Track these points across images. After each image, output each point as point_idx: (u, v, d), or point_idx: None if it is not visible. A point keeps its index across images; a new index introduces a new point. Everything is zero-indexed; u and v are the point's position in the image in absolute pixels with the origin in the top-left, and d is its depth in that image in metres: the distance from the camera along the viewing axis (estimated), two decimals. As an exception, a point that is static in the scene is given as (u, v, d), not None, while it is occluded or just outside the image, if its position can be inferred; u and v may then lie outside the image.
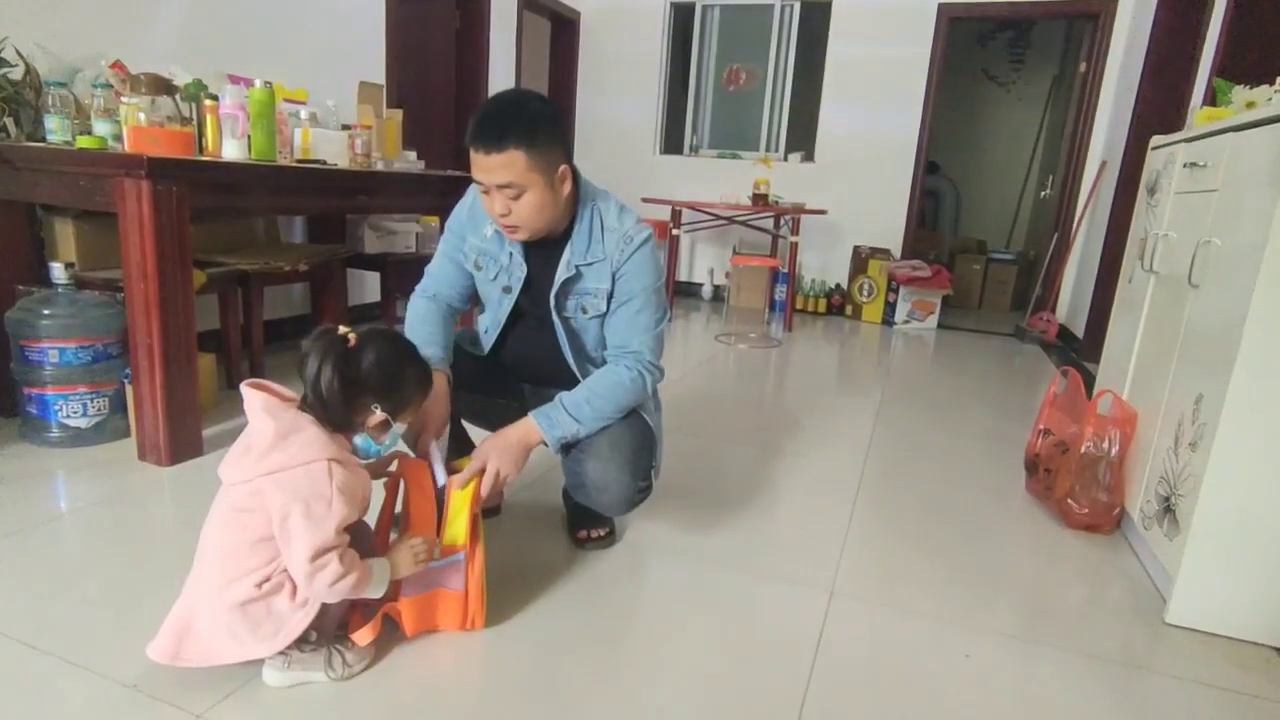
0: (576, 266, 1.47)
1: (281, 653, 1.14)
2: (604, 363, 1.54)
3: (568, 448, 1.49)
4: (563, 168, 1.39)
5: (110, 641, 1.24)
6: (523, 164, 1.32)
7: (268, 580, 1.09)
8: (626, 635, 1.39)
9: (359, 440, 1.18)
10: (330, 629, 1.19)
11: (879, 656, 1.37)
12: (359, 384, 1.13)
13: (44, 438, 2.03)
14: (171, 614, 1.11)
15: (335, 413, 1.12)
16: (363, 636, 1.20)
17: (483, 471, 1.35)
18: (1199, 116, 1.90)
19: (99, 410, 2.06)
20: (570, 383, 1.52)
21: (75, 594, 1.38)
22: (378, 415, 1.16)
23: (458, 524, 1.29)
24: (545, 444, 1.44)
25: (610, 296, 1.49)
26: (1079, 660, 1.39)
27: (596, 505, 1.53)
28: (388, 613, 1.24)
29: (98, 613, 1.33)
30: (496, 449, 1.38)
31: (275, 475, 1.06)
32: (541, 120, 1.34)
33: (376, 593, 1.17)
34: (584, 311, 1.52)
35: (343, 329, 1.13)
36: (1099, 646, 1.44)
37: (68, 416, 2.02)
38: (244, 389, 1.11)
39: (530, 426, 1.43)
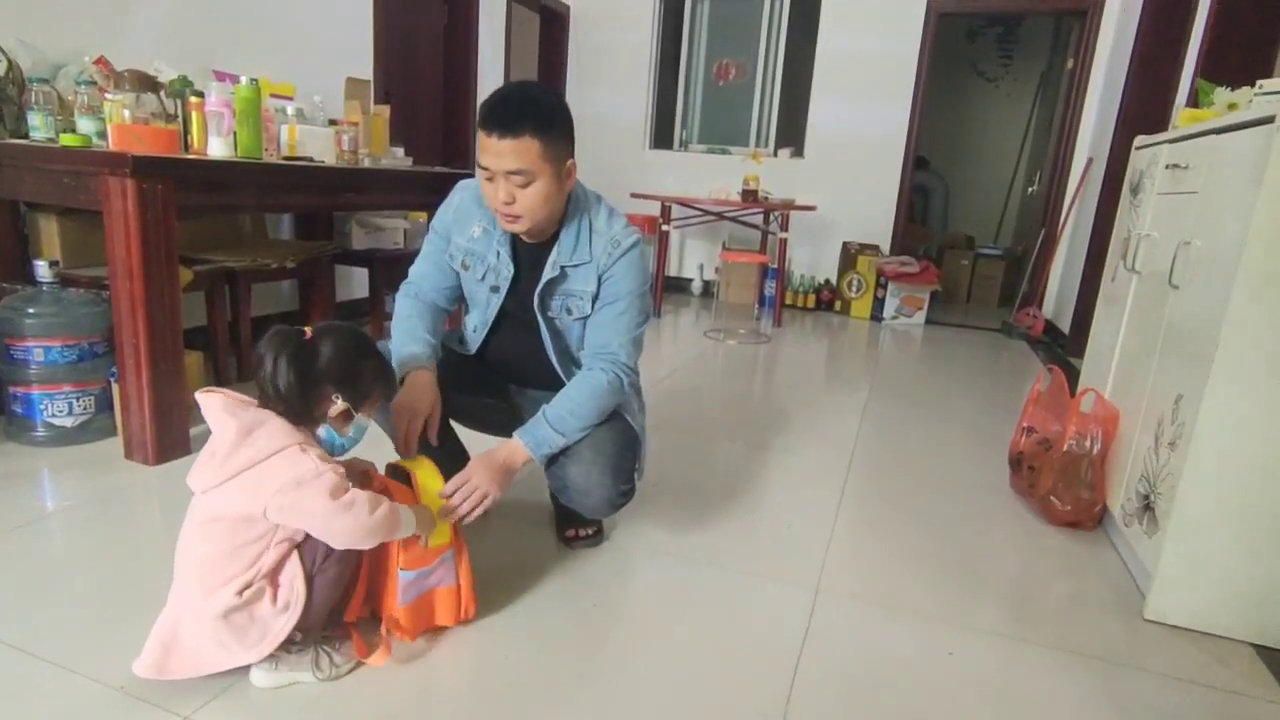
0: (562, 267, 1.48)
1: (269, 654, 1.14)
2: None
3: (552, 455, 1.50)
4: (570, 161, 1.40)
5: (97, 643, 1.24)
6: (536, 151, 1.31)
7: (249, 587, 1.09)
8: (613, 634, 1.40)
9: (322, 432, 1.17)
10: (316, 629, 1.19)
11: (863, 654, 1.39)
12: (316, 374, 1.13)
13: (29, 437, 2.02)
14: (155, 628, 1.10)
15: (294, 405, 1.11)
16: (377, 660, 1.20)
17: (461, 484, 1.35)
18: (1181, 117, 1.92)
19: (85, 409, 2.05)
20: (554, 383, 1.53)
21: (62, 594, 1.38)
22: (339, 405, 1.15)
23: (440, 525, 1.29)
24: (534, 460, 1.45)
25: (595, 299, 1.50)
26: (1060, 656, 1.42)
27: (579, 508, 1.54)
28: (389, 627, 1.24)
29: (84, 613, 1.33)
30: (480, 470, 1.37)
31: (247, 473, 1.06)
32: (556, 111, 1.36)
33: (407, 532, 1.19)
34: (569, 312, 1.52)
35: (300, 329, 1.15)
36: (1080, 642, 1.46)
37: (53, 415, 2.01)
38: (199, 396, 1.10)
39: (515, 448, 1.43)
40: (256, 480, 1.06)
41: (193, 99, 2.10)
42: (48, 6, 2.37)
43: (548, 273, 1.48)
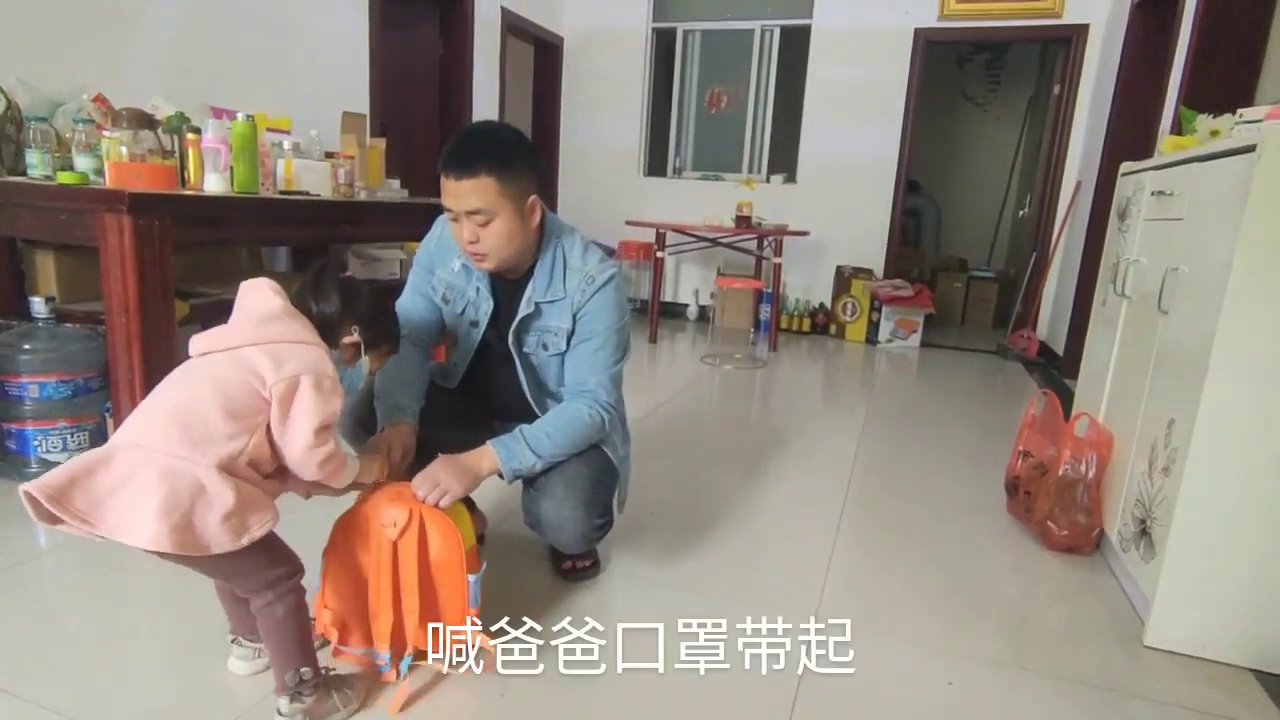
0: (536, 303, 1.49)
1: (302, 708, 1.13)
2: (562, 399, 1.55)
3: (526, 482, 1.49)
4: (532, 198, 1.41)
5: (90, 685, 1.22)
6: (493, 190, 1.33)
7: (225, 468, 1.01)
8: (611, 666, 1.39)
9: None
10: (314, 664, 1.16)
11: (863, 685, 1.37)
12: (347, 303, 1.19)
13: (22, 473, 2.01)
14: (79, 458, 0.97)
15: (322, 322, 1.16)
16: (492, 664, 1.27)
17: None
18: (1165, 145, 1.95)
19: (79, 444, 2.04)
20: (534, 418, 1.53)
21: (53, 635, 1.37)
22: (354, 336, 1.21)
23: (464, 526, 1.31)
24: (500, 475, 1.43)
25: (571, 335, 1.50)
26: (1060, 685, 1.41)
27: (554, 542, 1.54)
28: (482, 632, 1.28)
29: (77, 655, 1.31)
30: (443, 466, 1.35)
31: (274, 345, 1.06)
32: (513, 149, 1.37)
33: (342, 482, 1.19)
34: (545, 348, 1.53)
35: None
36: (1080, 670, 1.46)
37: (47, 451, 2.01)
38: (245, 284, 1.15)
39: (485, 453, 1.41)
40: (281, 354, 1.07)
41: (190, 135, 2.12)
42: (47, 45, 2.41)
43: (523, 309, 1.49)
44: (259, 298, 1.11)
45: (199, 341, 1.09)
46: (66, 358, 2.00)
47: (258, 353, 1.06)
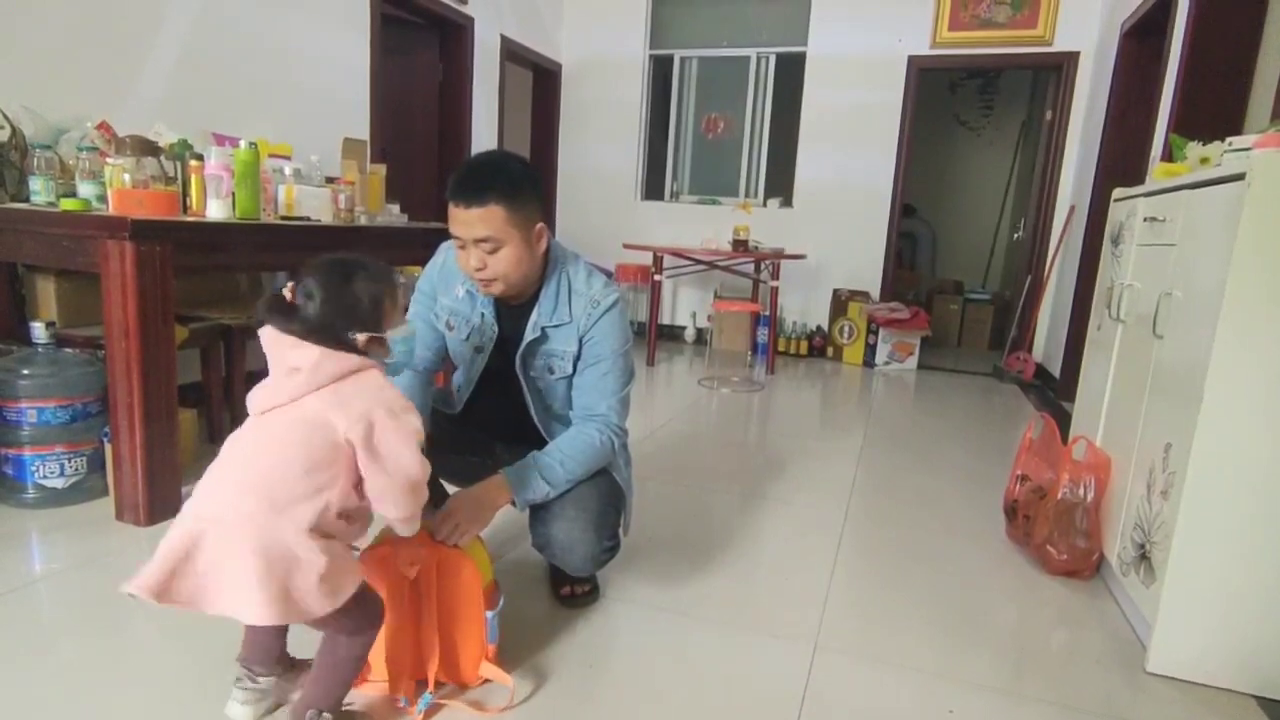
0: (543, 328, 1.50)
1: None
2: (570, 422, 1.56)
3: (535, 507, 1.50)
4: (539, 225, 1.44)
5: (88, 714, 1.21)
6: (502, 218, 1.36)
7: (316, 529, 1.00)
8: (610, 695, 1.38)
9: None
10: (338, 708, 1.16)
11: (864, 713, 1.37)
12: (332, 327, 1.07)
13: (19, 499, 2.00)
14: (165, 545, 0.98)
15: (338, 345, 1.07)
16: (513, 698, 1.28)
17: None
18: (1156, 172, 1.97)
19: (76, 470, 2.04)
20: (539, 441, 1.54)
21: (50, 663, 1.35)
22: (361, 338, 1.09)
23: (481, 560, 1.34)
24: (513, 504, 1.44)
25: (577, 359, 1.52)
26: (1062, 713, 1.40)
27: (562, 565, 1.54)
28: (495, 668, 1.32)
29: (75, 682, 1.30)
30: (460, 504, 1.38)
31: (337, 384, 1.03)
32: (520, 178, 1.40)
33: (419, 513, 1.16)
34: (551, 372, 1.54)
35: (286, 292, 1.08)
36: (1082, 698, 1.45)
37: (44, 477, 2.00)
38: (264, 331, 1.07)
39: (499, 485, 1.43)
40: (343, 393, 1.03)
41: (192, 162, 2.14)
42: (51, 73, 2.43)
43: (529, 334, 1.50)
44: (299, 350, 1.05)
45: (259, 400, 1.06)
46: (65, 383, 2.00)
47: (320, 399, 1.03)
